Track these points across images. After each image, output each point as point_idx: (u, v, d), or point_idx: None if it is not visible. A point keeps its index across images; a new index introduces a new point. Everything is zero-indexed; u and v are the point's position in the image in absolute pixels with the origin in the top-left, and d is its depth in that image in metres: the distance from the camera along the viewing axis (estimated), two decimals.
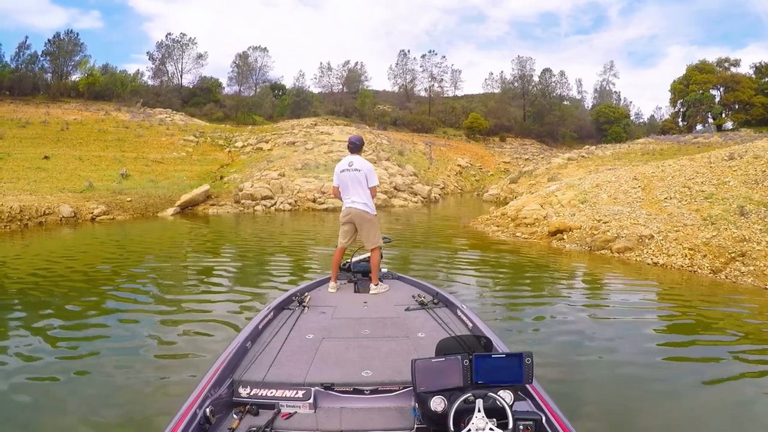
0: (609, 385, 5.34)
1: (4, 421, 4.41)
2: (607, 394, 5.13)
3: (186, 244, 15.04)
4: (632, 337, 6.75)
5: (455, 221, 21.45)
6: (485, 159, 62.05)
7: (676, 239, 12.23)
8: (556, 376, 5.41)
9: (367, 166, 6.46)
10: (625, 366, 5.75)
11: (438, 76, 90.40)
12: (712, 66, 73.04)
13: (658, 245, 12.23)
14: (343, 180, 6.49)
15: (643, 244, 12.47)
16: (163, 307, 8.09)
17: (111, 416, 4.48)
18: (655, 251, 12.05)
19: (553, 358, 5.94)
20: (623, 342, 6.53)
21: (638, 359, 5.95)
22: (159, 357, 5.88)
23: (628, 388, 5.20)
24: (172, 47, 77.66)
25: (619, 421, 4.60)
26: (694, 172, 16.54)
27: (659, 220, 13.52)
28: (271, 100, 77.52)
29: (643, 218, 13.78)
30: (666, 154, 34.82)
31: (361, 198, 6.42)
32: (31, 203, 18.54)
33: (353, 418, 3.06)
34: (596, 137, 75.49)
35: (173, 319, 7.40)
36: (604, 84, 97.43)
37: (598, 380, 5.46)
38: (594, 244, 13.16)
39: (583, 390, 5.18)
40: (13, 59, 61.71)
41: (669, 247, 12.00)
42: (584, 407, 4.77)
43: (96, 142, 36.23)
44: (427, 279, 6.94)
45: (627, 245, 12.50)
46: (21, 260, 11.89)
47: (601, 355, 6.10)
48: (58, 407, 4.65)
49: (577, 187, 18.62)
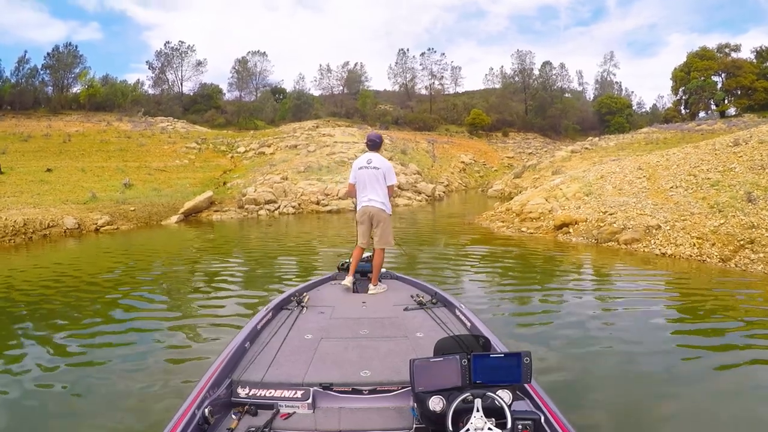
0: (619, 377, 5.30)
1: (17, 427, 4.46)
2: (617, 386, 5.10)
3: (191, 251, 14.98)
4: (641, 328, 6.69)
5: (460, 218, 21.33)
6: (488, 155, 61.86)
7: (684, 228, 12.12)
8: (564, 370, 5.39)
9: (386, 165, 6.42)
10: (636, 356, 5.71)
11: (438, 73, 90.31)
12: (712, 52, 72.36)
13: (665, 235, 12.11)
14: (360, 177, 6.41)
15: (650, 235, 12.35)
16: (171, 312, 8.09)
17: (121, 421, 4.49)
18: (663, 241, 11.94)
19: (561, 351, 5.90)
20: (632, 333, 6.49)
21: (648, 349, 5.91)
22: (168, 361, 5.89)
23: (638, 379, 5.17)
24: (171, 55, 77.65)
25: (629, 411, 4.57)
26: (699, 159, 16.42)
27: (666, 209, 13.41)
28: (272, 104, 77.34)
29: (650, 208, 13.66)
30: (670, 143, 34.64)
31: (379, 197, 6.35)
32: (34, 216, 18.49)
33: (352, 418, 3.06)
34: (599, 128, 75.12)
35: (181, 324, 7.40)
36: (605, 75, 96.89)
37: (607, 372, 5.42)
38: (600, 236, 13.05)
39: (594, 382, 5.16)
40: (13, 74, 61.92)
41: (677, 237, 11.88)
42: (593, 398, 4.77)
43: (98, 152, 36.29)
44: (432, 278, 6.92)
45: (634, 236, 12.39)
46: (26, 273, 11.80)
47: (611, 346, 6.07)
48: (69, 413, 4.69)
49: (581, 179, 18.51)
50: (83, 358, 5.99)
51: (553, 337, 6.38)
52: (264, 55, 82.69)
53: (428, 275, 9.71)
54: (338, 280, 6.42)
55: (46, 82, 65.04)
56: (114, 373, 5.53)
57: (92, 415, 4.63)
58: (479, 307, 7.46)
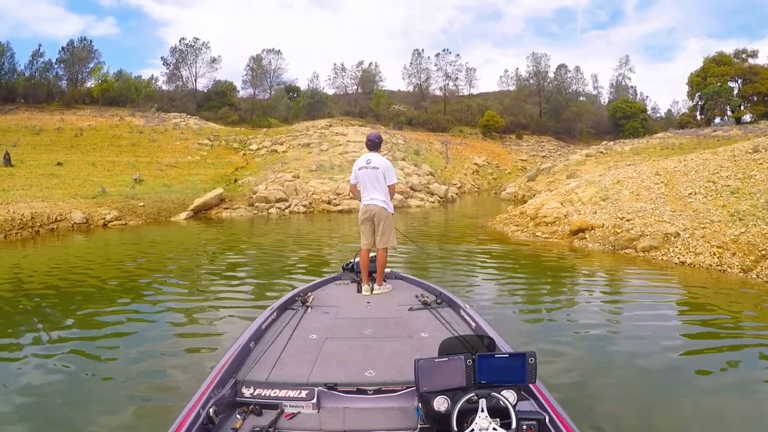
0: (630, 388, 5.09)
1: (32, 415, 4.48)
2: (629, 397, 4.90)
3: (199, 248, 14.83)
4: (656, 340, 6.39)
5: (473, 221, 21.02)
6: (502, 157, 61.68)
7: (704, 237, 11.76)
8: (575, 379, 5.23)
9: (385, 164, 6.41)
10: (648, 370, 5.48)
11: (452, 74, 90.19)
12: (729, 57, 71.61)
13: (684, 243, 11.75)
14: (361, 178, 6.42)
15: (668, 243, 11.99)
16: (182, 307, 8.07)
17: (123, 421, 4.42)
18: (682, 250, 11.57)
19: (573, 361, 5.73)
20: (647, 345, 6.23)
21: (662, 363, 5.67)
22: (180, 353, 6.00)
23: (649, 392, 4.94)
24: (186, 52, 78.15)
25: (639, 423, 4.39)
26: (718, 166, 16.02)
27: (684, 216, 13.05)
28: (285, 103, 77.93)
29: (668, 215, 13.29)
30: (686, 149, 34.11)
31: (380, 195, 6.35)
32: (42, 210, 18.42)
33: (356, 418, 3.07)
34: (613, 133, 74.70)
35: (193, 318, 7.51)
36: (620, 79, 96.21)
37: (619, 383, 5.21)
38: (618, 243, 12.70)
39: (605, 392, 4.99)
40: (26, 67, 62.54)
41: (696, 245, 11.52)
42: (604, 407, 4.62)
43: (110, 147, 36.36)
44: (445, 283, 6.80)
45: (652, 244, 12.03)
46: (25, 270, 11.66)
47: (625, 358, 5.83)
48: (82, 401, 4.75)
49: (597, 183, 18.13)
50: (95, 351, 6.03)
51: (561, 345, 6.22)
52: (278, 53, 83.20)
53: (444, 281, 9.49)
54: (343, 280, 6.56)
55: (60, 76, 65.64)
56: (126, 364, 5.61)
57: (93, 414, 4.55)
58: (495, 312, 7.35)
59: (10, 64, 61.74)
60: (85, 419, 4.42)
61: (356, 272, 6.54)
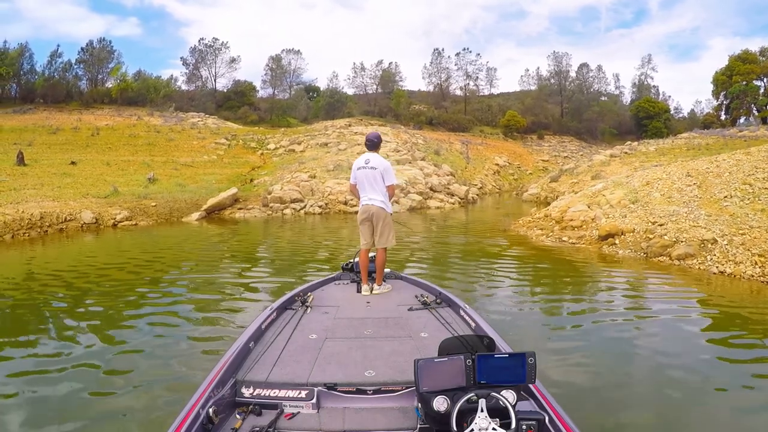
0: (654, 404, 4.81)
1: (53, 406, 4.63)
2: (653, 413, 4.63)
3: (211, 250, 14.36)
4: (689, 357, 6.00)
5: (494, 224, 20.25)
6: (523, 157, 60.85)
7: (743, 244, 10.92)
8: (598, 388, 5.18)
9: (384, 164, 6.42)
10: (676, 389, 5.12)
11: (473, 74, 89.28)
12: (754, 56, 70.08)
13: (723, 251, 10.93)
14: (359, 178, 6.46)
15: (705, 250, 11.18)
16: (195, 309, 8.12)
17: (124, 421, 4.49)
18: (721, 258, 10.74)
19: (597, 373, 5.59)
20: (679, 360, 5.86)
21: (693, 384, 5.29)
22: (194, 353, 6.13)
23: (673, 413, 4.68)
24: (205, 52, 78.43)
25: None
26: (752, 167, 15.12)
27: (721, 221, 12.21)
28: (305, 102, 78.25)
29: (703, 220, 12.47)
30: (713, 149, 33.15)
31: (379, 196, 6.37)
32: (52, 209, 18.07)
33: (356, 418, 3.08)
34: (636, 133, 73.75)
35: (206, 317, 7.62)
36: (642, 78, 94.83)
37: (644, 399, 4.93)
38: (650, 249, 11.88)
39: (631, 406, 4.80)
40: (45, 67, 63.21)
41: (736, 253, 10.68)
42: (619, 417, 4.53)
43: (126, 146, 36.29)
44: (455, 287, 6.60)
45: (688, 251, 11.22)
46: (29, 272, 11.21)
47: (652, 376, 5.49)
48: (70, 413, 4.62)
49: (625, 185, 17.27)
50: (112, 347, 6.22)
51: (586, 357, 6.01)
52: (298, 53, 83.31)
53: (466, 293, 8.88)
54: (342, 280, 6.58)
55: (80, 76, 66.17)
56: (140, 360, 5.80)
57: (94, 414, 4.59)
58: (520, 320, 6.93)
59: (29, 65, 62.43)
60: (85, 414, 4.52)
61: (356, 272, 6.53)
